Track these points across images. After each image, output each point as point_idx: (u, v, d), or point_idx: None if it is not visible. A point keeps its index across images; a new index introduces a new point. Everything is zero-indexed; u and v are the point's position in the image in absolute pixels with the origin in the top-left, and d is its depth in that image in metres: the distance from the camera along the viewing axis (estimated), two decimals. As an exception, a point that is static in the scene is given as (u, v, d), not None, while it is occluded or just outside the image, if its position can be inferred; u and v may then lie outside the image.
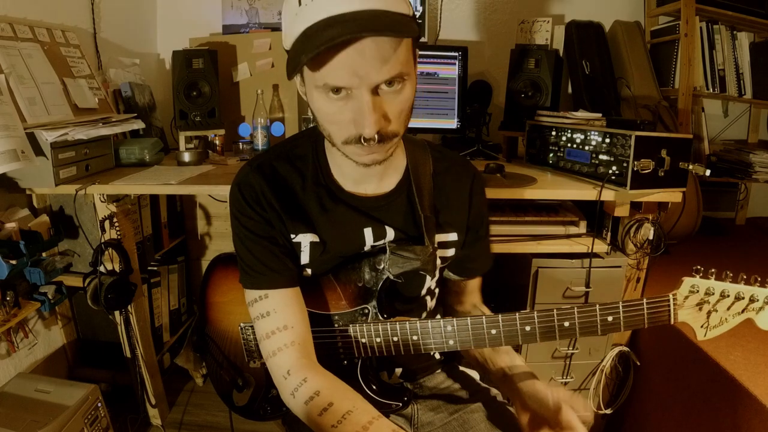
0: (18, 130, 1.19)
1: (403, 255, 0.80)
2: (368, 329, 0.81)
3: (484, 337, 0.77)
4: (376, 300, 0.82)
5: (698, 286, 0.75)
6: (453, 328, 0.78)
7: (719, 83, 2.01)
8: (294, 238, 0.82)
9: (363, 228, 0.83)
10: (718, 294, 0.75)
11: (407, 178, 0.84)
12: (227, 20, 2.02)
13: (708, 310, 0.76)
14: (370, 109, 0.64)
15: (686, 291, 0.76)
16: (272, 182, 0.80)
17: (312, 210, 0.82)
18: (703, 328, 0.77)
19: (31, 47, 1.37)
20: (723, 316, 0.77)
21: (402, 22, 0.63)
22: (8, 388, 1.30)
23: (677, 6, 1.89)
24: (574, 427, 0.67)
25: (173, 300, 1.95)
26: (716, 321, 0.76)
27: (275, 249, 0.80)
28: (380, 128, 0.66)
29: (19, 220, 1.33)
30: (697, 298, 0.76)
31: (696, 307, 0.76)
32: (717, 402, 1.16)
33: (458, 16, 2.11)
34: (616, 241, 1.46)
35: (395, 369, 0.93)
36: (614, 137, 1.29)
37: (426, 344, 0.79)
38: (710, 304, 0.76)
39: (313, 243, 0.82)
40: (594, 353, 1.49)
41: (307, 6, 0.62)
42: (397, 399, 0.86)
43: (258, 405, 0.92)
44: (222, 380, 0.97)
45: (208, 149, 1.83)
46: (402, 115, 0.69)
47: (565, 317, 0.75)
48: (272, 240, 0.81)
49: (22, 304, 1.32)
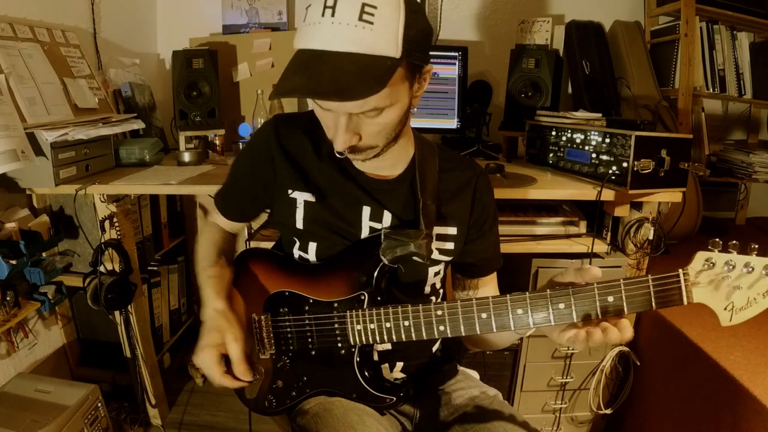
0: (18, 130, 1.19)
1: (397, 238, 0.81)
2: (362, 315, 0.82)
3: (475, 321, 0.75)
4: (372, 287, 0.83)
5: (714, 259, 0.63)
6: (443, 312, 0.77)
7: (719, 83, 2.01)
8: (291, 194, 0.88)
9: (362, 206, 0.86)
10: (740, 267, 0.62)
11: (413, 167, 0.87)
12: (227, 20, 2.02)
13: (730, 288, 0.63)
14: (342, 130, 0.71)
15: (699, 266, 0.64)
16: (293, 136, 0.88)
17: (318, 174, 0.87)
18: (727, 311, 0.63)
19: (31, 47, 1.37)
20: (750, 296, 0.62)
21: (370, 74, 0.66)
22: (8, 388, 1.30)
23: (677, 6, 1.89)
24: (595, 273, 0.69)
25: (173, 300, 1.95)
26: (743, 301, 0.63)
27: (255, 194, 0.94)
28: (352, 144, 0.73)
29: (19, 220, 1.33)
30: (714, 273, 0.63)
31: (713, 284, 0.63)
32: (717, 402, 1.16)
33: (458, 16, 2.11)
34: (616, 241, 1.46)
35: (396, 363, 0.94)
36: (614, 137, 1.29)
37: (417, 330, 0.78)
38: (731, 279, 0.62)
39: (308, 202, 0.87)
40: (594, 353, 1.49)
41: (304, 27, 0.68)
42: (392, 394, 0.87)
43: (264, 397, 0.92)
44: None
45: (208, 149, 1.83)
46: (380, 134, 0.75)
47: (560, 299, 0.70)
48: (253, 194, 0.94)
49: (22, 304, 1.32)
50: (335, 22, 0.65)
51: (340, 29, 0.65)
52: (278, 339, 0.89)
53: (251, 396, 0.94)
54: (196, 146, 1.85)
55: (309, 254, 0.90)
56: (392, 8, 0.66)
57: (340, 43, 0.65)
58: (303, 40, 0.69)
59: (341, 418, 0.83)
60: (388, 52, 0.67)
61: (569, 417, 1.58)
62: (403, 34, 0.67)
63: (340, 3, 0.65)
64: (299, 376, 0.89)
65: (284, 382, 0.90)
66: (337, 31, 0.65)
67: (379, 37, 0.66)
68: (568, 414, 1.57)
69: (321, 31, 0.66)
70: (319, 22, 0.66)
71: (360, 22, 0.64)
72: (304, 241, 0.90)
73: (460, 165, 0.93)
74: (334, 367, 0.87)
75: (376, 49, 0.66)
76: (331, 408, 0.87)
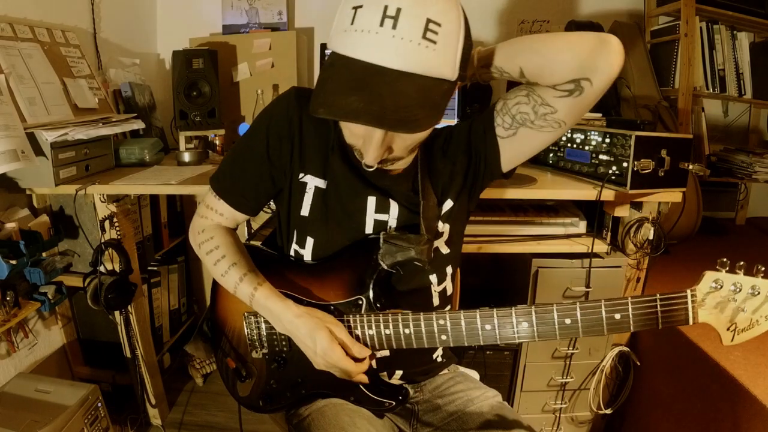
0: (18, 130, 1.19)
1: (397, 243, 0.79)
2: (360, 320, 0.81)
3: (478, 333, 0.74)
4: (369, 291, 0.82)
5: (722, 281, 0.64)
6: (445, 322, 0.75)
7: (719, 83, 2.01)
8: (302, 177, 0.84)
9: (367, 196, 0.84)
10: (747, 290, 0.63)
11: (415, 164, 0.85)
12: (227, 20, 2.02)
13: (735, 310, 0.64)
14: (377, 145, 0.67)
15: (707, 287, 0.65)
16: (309, 117, 0.81)
17: (331, 160, 0.83)
18: (729, 331, 0.65)
19: (31, 47, 1.37)
20: (753, 318, 0.64)
21: (431, 100, 0.63)
22: (8, 388, 1.30)
23: (677, 6, 1.89)
24: None
25: (173, 300, 1.95)
26: (745, 323, 0.65)
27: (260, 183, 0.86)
28: (383, 158, 0.70)
29: (19, 220, 1.33)
30: (721, 295, 0.64)
31: (719, 306, 0.65)
32: (717, 402, 1.16)
33: (458, 16, 2.11)
34: (616, 241, 1.46)
35: (395, 371, 0.93)
36: (614, 137, 1.29)
37: (418, 338, 0.77)
38: (737, 302, 0.64)
39: (318, 188, 0.84)
40: (594, 353, 1.49)
41: (356, 33, 0.62)
42: (391, 398, 0.86)
43: (257, 396, 0.92)
44: (227, 369, 0.97)
45: (208, 149, 1.83)
46: (410, 147, 0.73)
47: (566, 314, 0.69)
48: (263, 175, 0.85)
49: (22, 304, 1.32)
50: (397, 36, 0.60)
51: (402, 45, 0.60)
52: (271, 339, 0.88)
53: (244, 394, 0.94)
54: (196, 146, 1.85)
55: (305, 250, 0.87)
56: (454, 26, 0.63)
57: (401, 62, 0.60)
58: (352, 47, 0.62)
59: (333, 420, 0.83)
60: (445, 75, 0.64)
61: (569, 417, 1.58)
62: (461, 56, 0.65)
63: (404, 16, 0.59)
64: (293, 377, 0.89)
65: (278, 382, 0.90)
66: (399, 47, 0.60)
67: (441, 59, 0.62)
68: (568, 414, 1.57)
69: (379, 43, 0.60)
70: (377, 32, 0.60)
71: (423, 40, 0.60)
72: (302, 235, 0.87)
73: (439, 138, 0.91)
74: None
75: (435, 72, 0.62)
76: (324, 410, 0.86)
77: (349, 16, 0.63)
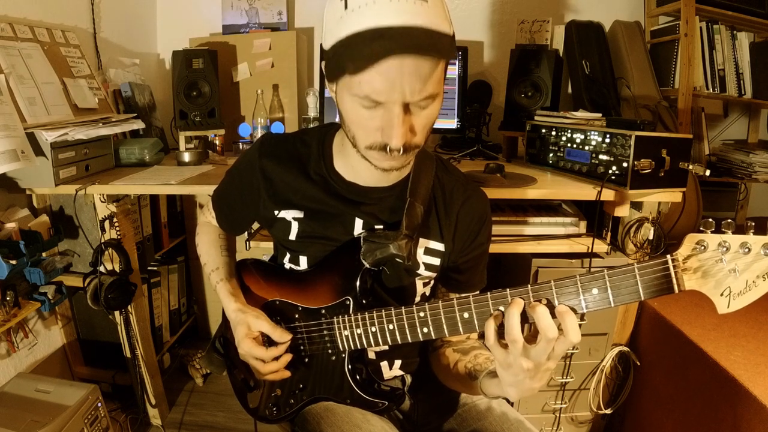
0: (18, 130, 1.19)
1: (375, 241, 0.80)
2: (349, 321, 0.82)
3: (457, 320, 0.72)
4: (355, 291, 0.82)
5: (706, 241, 0.57)
6: (426, 313, 0.74)
7: (719, 83, 2.01)
8: (277, 214, 0.88)
9: (354, 219, 0.85)
10: (736, 248, 0.56)
11: (407, 179, 0.85)
12: (227, 20, 2.02)
13: (725, 271, 0.57)
14: (399, 123, 0.68)
15: (689, 249, 0.58)
16: (277, 158, 0.88)
17: (306, 192, 0.86)
18: (723, 296, 0.58)
19: (31, 47, 1.37)
20: (749, 279, 0.56)
21: (445, 44, 0.65)
22: (8, 388, 1.30)
23: (677, 6, 1.89)
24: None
25: (173, 300, 1.95)
26: (740, 285, 0.57)
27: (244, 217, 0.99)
28: (406, 141, 0.70)
29: (19, 220, 1.33)
30: (706, 256, 0.57)
31: (706, 270, 0.58)
32: (717, 402, 1.16)
33: (458, 16, 2.11)
34: (616, 241, 1.46)
35: (395, 360, 0.94)
36: (614, 137, 1.29)
37: (402, 333, 0.77)
38: (726, 262, 0.56)
39: (297, 218, 0.87)
40: (594, 353, 1.49)
41: (354, 12, 0.64)
42: (385, 399, 0.86)
43: (264, 405, 0.93)
44: (236, 380, 0.98)
45: (208, 149, 1.83)
46: (426, 129, 0.73)
47: (541, 293, 0.66)
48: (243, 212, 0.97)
49: (22, 304, 1.32)
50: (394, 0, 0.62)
51: (400, 6, 0.62)
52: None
53: (254, 405, 0.95)
54: (196, 146, 1.85)
55: (300, 267, 0.90)
56: None
57: (405, 19, 0.62)
58: (357, 23, 0.63)
59: (345, 417, 0.83)
60: (444, 28, 0.66)
61: (569, 417, 1.58)
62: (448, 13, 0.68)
63: None
64: (296, 384, 0.90)
65: (282, 390, 0.91)
66: (398, 7, 0.62)
67: (435, 11, 0.65)
68: (568, 414, 1.57)
69: (379, 9, 0.62)
70: (374, 2, 0.62)
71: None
72: (294, 255, 0.90)
73: (457, 182, 0.90)
74: (327, 373, 0.87)
75: (435, 25, 0.64)
76: (333, 408, 0.87)
77: (340, 5, 0.66)
